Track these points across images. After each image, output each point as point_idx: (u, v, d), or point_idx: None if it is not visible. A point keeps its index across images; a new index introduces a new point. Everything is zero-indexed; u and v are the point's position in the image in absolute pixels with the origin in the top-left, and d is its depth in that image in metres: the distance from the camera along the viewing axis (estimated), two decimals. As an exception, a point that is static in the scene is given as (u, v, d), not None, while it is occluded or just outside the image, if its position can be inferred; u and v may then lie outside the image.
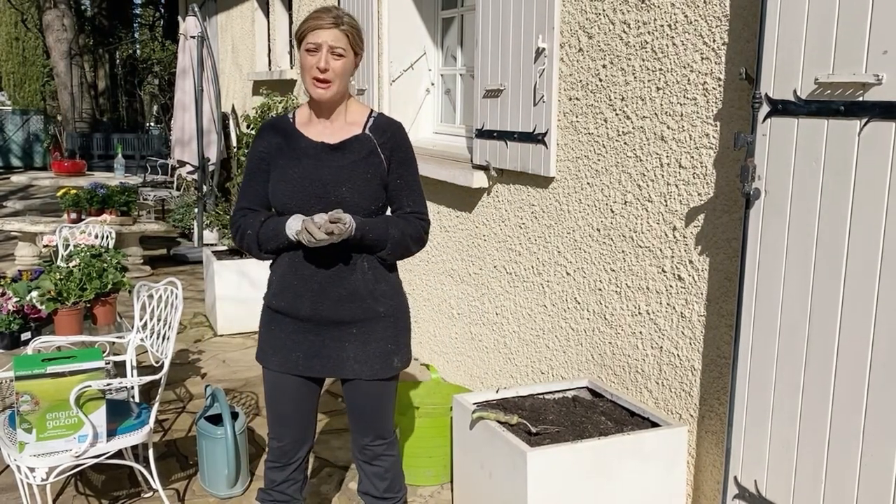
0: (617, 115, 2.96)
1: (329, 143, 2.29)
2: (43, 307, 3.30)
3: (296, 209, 2.24)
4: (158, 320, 3.13)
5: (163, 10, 19.43)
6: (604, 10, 2.99)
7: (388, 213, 2.39)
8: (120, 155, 10.10)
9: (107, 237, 4.58)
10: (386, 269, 2.36)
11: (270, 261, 2.39)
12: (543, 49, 3.29)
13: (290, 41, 7.50)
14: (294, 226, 2.18)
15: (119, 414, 2.91)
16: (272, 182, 2.30)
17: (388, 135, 2.33)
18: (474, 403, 2.87)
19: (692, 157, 2.62)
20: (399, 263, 2.45)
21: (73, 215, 6.82)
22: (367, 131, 2.32)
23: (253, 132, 2.25)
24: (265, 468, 2.51)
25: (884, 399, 1.98)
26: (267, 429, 2.50)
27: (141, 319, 3.18)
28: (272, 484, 2.49)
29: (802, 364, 2.19)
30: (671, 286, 2.76)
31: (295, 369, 2.35)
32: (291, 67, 7.42)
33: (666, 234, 2.77)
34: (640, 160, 2.86)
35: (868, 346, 2.01)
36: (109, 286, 3.51)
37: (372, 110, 2.38)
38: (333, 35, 2.19)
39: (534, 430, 2.66)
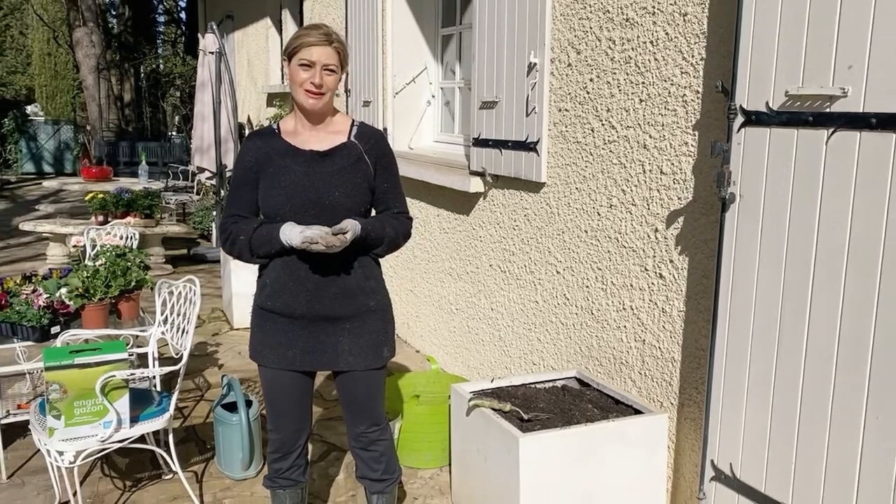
0: (603, 125, 2.96)
1: (319, 151, 2.27)
2: (71, 303, 3.30)
3: (290, 213, 2.21)
4: (178, 315, 3.13)
5: (184, 28, 19.43)
6: (591, 28, 2.98)
7: (373, 213, 2.40)
8: (144, 162, 10.07)
9: (131, 238, 4.57)
10: (372, 265, 2.36)
11: (258, 265, 2.35)
12: (535, 64, 3.29)
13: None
14: (288, 233, 2.15)
15: (141, 402, 2.91)
16: (263, 189, 2.26)
17: (372, 142, 2.33)
18: (471, 392, 2.87)
19: (672, 164, 2.62)
20: (402, 262, 2.45)
21: (100, 218, 6.82)
22: (352, 139, 2.31)
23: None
24: (269, 460, 2.49)
25: (849, 387, 1.98)
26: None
27: (162, 314, 3.18)
28: (277, 472, 2.47)
29: (774, 355, 2.19)
30: (653, 283, 2.76)
31: (292, 365, 2.33)
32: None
33: (648, 236, 2.76)
34: (625, 167, 2.86)
35: (835, 339, 2.01)
36: (133, 283, 3.51)
37: (353, 120, 2.38)
38: (326, 53, 2.18)
39: (526, 416, 2.66)
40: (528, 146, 3.38)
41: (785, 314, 2.15)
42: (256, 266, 2.38)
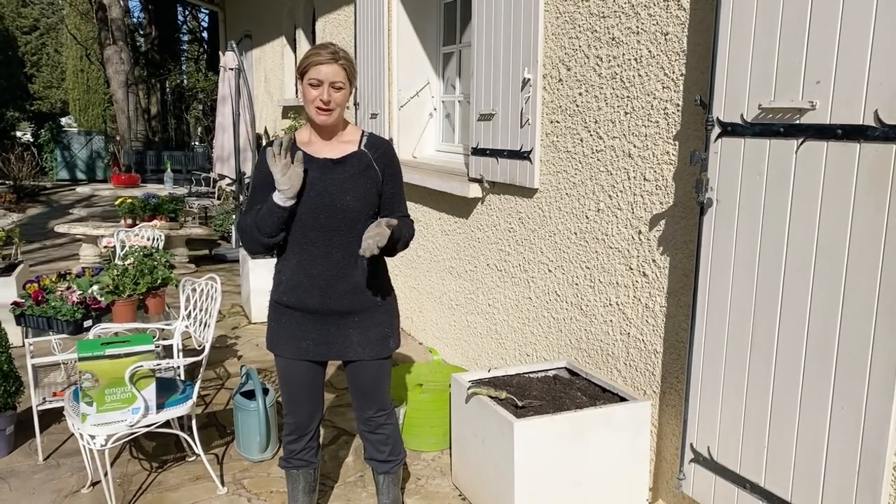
0: (591, 135, 2.96)
1: (332, 159, 2.27)
2: (102, 299, 3.31)
3: (304, 215, 2.21)
4: (201, 310, 3.13)
5: (206, 46, 19.43)
6: (580, 46, 2.99)
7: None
8: (169, 169, 10.09)
9: (157, 239, 4.58)
10: (379, 265, 2.35)
11: (273, 252, 2.32)
12: (529, 79, 3.29)
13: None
14: (275, 196, 2.15)
15: (167, 389, 2.92)
16: None
17: (380, 151, 2.32)
18: (469, 381, 2.87)
19: (655, 171, 2.62)
20: (406, 262, 2.44)
21: (129, 221, 6.82)
22: (362, 148, 2.30)
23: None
24: (284, 442, 2.50)
25: (817, 377, 1.98)
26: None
27: (186, 309, 3.18)
28: (291, 454, 2.48)
29: (748, 348, 2.19)
30: (637, 281, 2.76)
31: (305, 355, 2.33)
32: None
33: (633, 237, 2.77)
34: (611, 174, 2.86)
35: (804, 332, 2.01)
36: (159, 281, 3.52)
37: (363, 130, 2.37)
38: (333, 70, 2.15)
39: (520, 403, 2.66)
40: (523, 155, 3.38)
41: (758, 310, 2.15)
42: (273, 263, 2.38)
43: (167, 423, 2.97)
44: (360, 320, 2.32)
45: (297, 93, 8.47)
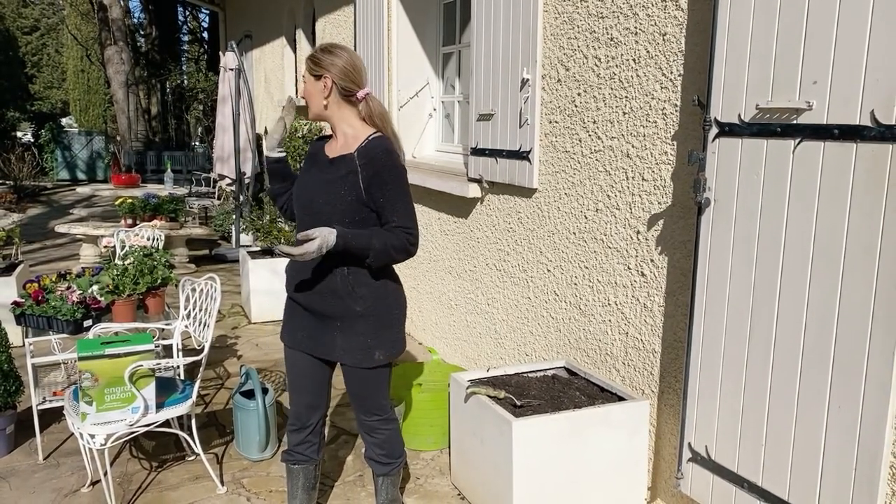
0: (590, 135, 2.97)
1: (330, 158, 2.27)
2: (102, 298, 3.31)
3: (297, 210, 2.35)
4: (200, 310, 3.14)
5: (206, 47, 19.44)
6: (579, 47, 2.99)
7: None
8: (169, 169, 10.09)
9: (157, 239, 4.58)
10: (368, 275, 2.25)
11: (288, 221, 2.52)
12: (528, 80, 3.30)
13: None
14: (266, 150, 2.39)
15: (167, 389, 2.92)
16: None
17: (368, 158, 2.18)
18: (468, 381, 2.88)
19: (653, 171, 2.63)
20: (406, 262, 2.46)
21: (129, 221, 6.83)
22: (354, 152, 2.22)
23: (282, 150, 2.41)
24: (286, 431, 2.54)
25: (814, 376, 1.99)
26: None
27: (185, 309, 3.19)
28: (291, 445, 2.51)
29: (746, 347, 2.20)
30: (635, 281, 2.77)
31: (300, 346, 2.39)
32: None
33: (631, 237, 2.77)
34: (610, 174, 2.86)
35: (801, 331, 2.02)
36: (159, 281, 3.52)
37: (370, 135, 2.24)
38: (304, 68, 2.33)
39: (518, 403, 2.67)
40: (522, 155, 3.39)
41: (755, 309, 2.15)
42: (272, 263, 2.45)
43: (167, 423, 2.97)
44: (342, 325, 2.29)
45: (296, 93, 8.48)
